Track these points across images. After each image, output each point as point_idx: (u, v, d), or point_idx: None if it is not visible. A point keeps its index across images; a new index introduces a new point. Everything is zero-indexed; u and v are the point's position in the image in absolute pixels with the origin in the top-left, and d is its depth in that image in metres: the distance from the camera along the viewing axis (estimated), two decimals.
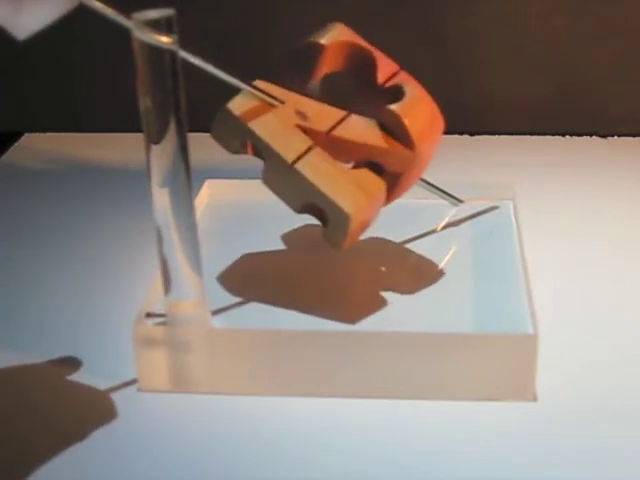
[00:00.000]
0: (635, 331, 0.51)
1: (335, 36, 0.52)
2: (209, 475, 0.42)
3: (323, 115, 0.50)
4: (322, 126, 0.50)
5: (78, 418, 0.45)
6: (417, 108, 0.52)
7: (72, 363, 0.49)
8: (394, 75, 0.53)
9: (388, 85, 0.52)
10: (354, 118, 0.51)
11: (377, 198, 0.50)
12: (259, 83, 0.50)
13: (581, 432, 0.44)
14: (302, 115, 0.50)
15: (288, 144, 0.49)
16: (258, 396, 0.46)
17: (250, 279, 0.53)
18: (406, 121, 0.50)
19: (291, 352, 0.46)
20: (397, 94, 0.51)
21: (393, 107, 0.51)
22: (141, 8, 0.41)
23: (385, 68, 0.53)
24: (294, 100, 0.50)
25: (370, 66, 0.52)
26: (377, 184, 0.50)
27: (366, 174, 0.50)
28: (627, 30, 0.75)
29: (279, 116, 0.49)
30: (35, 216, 0.65)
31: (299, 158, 0.49)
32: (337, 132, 0.50)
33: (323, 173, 0.49)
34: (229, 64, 0.47)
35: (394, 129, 0.50)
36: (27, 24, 0.39)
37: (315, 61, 0.52)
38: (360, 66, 0.53)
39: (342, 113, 0.51)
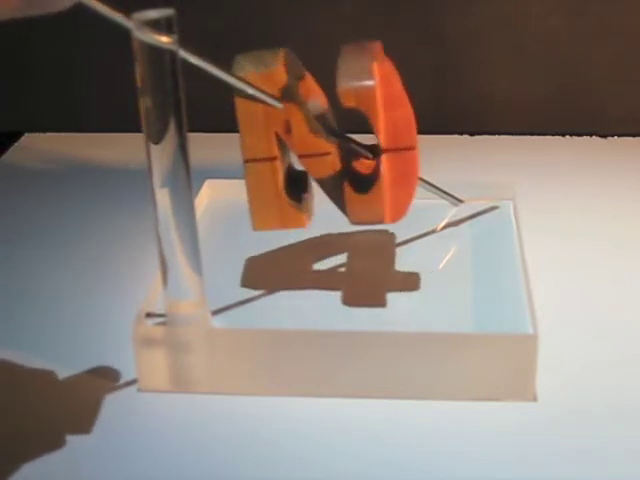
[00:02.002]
0: (635, 331, 0.51)
1: (358, 92, 0.49)
2: (209, 475, 0.42)
3: (306, 140, 0.50)
4: (295, 149, 0.50)
5: (78, 418, 0.45)
6: (370, 209, 0.51)
7: (72, 363, 0.49)
8: (398, 150, 0.50)
9: (382, 155, 0.50)
10: (330, 160, 0.50)
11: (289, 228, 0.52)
12: (282, 55, 0.50)
13: (581, 432, 0.44)
14: (287, 127, 0.50)
15: (255, 142, 0.50)
16: (258, 396, 0.46)
17: (249, 278, 0.53)
18: (351, 216, 0.51)
19: (291, 352, 0.46)
20: (376, 173, 0.50)
21: (349, 198, 0.50)
22: (141, 8, 0.41)
23: (391, 139, 0.50)
24: (293, 109, 0.50)
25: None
26: (298, 224, 0.52)
27: (294, 213, 0.51)
28: (627, 30, 0.75)
29: (267, 114, 0.49)
30: (35, 216, 0.65)
31: (254, 160, 0.50)
32: (303, 162, 0.51)
33: (261, 187, 0.50)
34: (229, 64, 0.47)
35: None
36: None
37: None
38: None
39: (325, 149, 0.50)
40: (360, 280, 0.53)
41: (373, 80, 0.49)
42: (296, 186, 0.52)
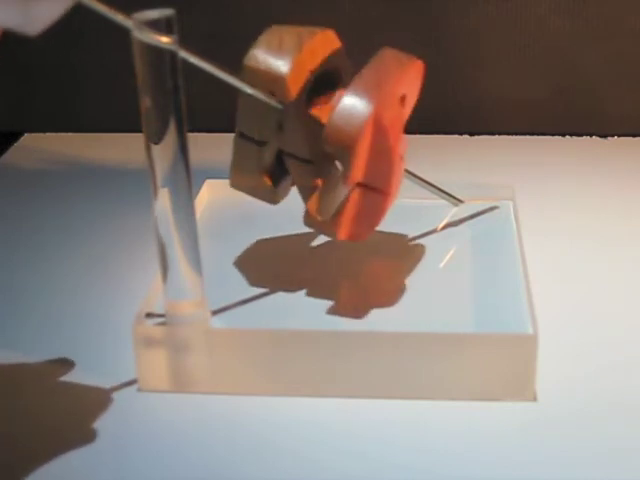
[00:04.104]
0: (635, 331, 0.51)
1: (341, 143, 0.48)
2: (209, 475, 0.42)
3: (293, 143, 0.50)
4: (282, 146, 0.50)
5: (78, 418, 0.45)
6: (325, 227, 0.50)
7: (72, 363, 0.49)
8: (371, 189, 0.50)
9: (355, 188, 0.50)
10: (310, 168, 0.50)
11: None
12: (308, 46, 0.49)
13: (581, 432, 0.44)
14: (281, 123, 0.50)
15: (250, 122, 0.50)
16: (258, 396, 0.46)
17: (248, 278, 0.53)
18: (305, 220, 0.50)
19: (291, 352, 0.46)
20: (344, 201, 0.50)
21: (310, 210, 0.50)
22: (141, 8, 0.41)
23: (368, 178, 0.49)
24: (289, 111, 0.49)
25: None
26: (270, 201, 0.53)
27: (269, 191, 0.52)
28: (627, 30, 0.75)
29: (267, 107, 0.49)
30: (35, 216, 0.65)
31: (244, 137, 0.50)
32: (285, 160, 0.51)
33: (244, 161, 0.51)
34: (229, 64, 0.47)
35: None
36: (36, 22, 0.39)
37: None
38: None
39: (308, 157, 0.50)
40: (358, 283, 0.53)
41: (360, 136, 0.47)
42: (280, 167, 0.52)
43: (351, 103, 0.48)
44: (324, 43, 0.50)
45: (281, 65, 0.49)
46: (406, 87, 0.50)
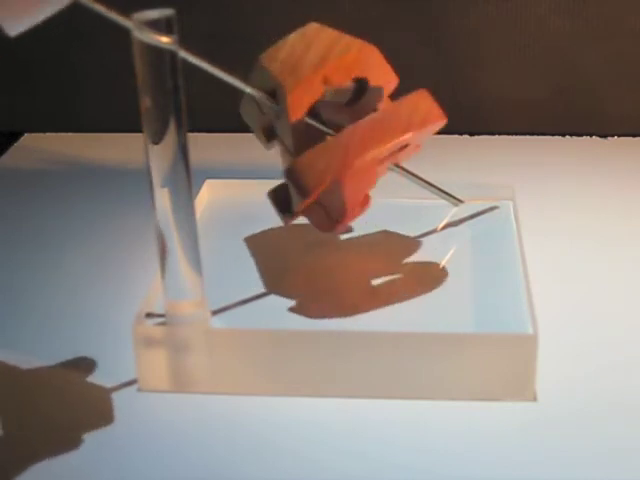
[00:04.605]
0: (635, 331, 0.51)
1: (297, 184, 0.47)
2: (209, 475, 0.42)
3: (286, 133, 0.50)
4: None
5: (78, 418, 0.45)
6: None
7: (72, 363, 0.49)
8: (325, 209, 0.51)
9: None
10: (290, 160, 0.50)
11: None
12: (313, 26, 0.50)
13: (581, 432, 0.44)
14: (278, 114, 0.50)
15: (257, 89, 0.50)
16: (258, 396, 0.46)
17: (248, 277, 0.53)
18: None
19: (291, 352, 0.46)
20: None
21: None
22: (141, 8, 0.41)
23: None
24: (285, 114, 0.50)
25: None
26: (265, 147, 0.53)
27: (265, 141, 0.52)
28: (627, 30, 0.75)
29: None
30: (35, 216, 0.65)
31: (251, 99, 0.50)
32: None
33: (250, 113, 0.51)
34: (229, 64, 0.47)
35: None
36: (19, 21, 0.39)
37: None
38: None
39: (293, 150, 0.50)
40: (358, 283, 0.53)
41: (313, 193, 0.47)
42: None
43: (317, 160, 0.47)
44: (356, 62, 0.49)
45: (291, 77, 0.48)
46: (409, 141, 0.49)
